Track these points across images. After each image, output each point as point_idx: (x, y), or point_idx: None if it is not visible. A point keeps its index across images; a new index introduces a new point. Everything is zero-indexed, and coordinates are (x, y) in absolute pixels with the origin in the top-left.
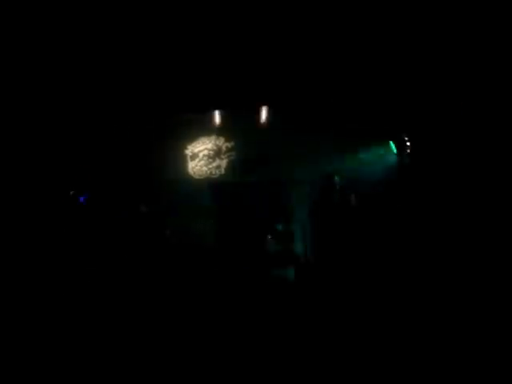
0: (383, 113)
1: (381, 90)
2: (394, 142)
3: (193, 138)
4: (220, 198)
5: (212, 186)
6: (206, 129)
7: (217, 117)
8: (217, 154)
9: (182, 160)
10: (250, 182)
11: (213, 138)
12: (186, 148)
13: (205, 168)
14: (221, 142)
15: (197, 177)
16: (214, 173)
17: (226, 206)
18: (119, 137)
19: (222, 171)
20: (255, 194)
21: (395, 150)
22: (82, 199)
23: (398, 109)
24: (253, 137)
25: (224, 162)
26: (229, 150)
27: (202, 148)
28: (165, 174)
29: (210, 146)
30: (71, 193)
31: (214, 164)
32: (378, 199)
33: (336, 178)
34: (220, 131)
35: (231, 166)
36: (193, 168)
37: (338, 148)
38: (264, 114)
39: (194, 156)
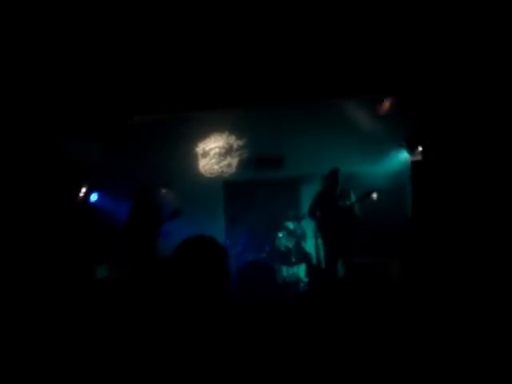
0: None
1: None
2: (405, 140)
3: (204, 135)
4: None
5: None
6: (218, 126)
7: (228, 114)
8: (228, 151)
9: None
10: (261, 179)
11: (224, 135)
12: (197, 146)
13: (216, 166)
14: (232, 140)
15: (208, 175)
16: (225, 171)
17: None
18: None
19: (233, 169)
20: (266, 191)
21: (407, 148)
22: (91, 198)
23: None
24: (264, 134)
25: (235, 160)
26: (240, 147)
27: (213, 146)
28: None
29: (221, 143)
30: (81, 192)
31: (225, 162)
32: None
33: (339, 174)
34: (231, 129)
35: (242, 164)
36: (204, 166)
37: (351, 146)
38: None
39: (205, 154)
